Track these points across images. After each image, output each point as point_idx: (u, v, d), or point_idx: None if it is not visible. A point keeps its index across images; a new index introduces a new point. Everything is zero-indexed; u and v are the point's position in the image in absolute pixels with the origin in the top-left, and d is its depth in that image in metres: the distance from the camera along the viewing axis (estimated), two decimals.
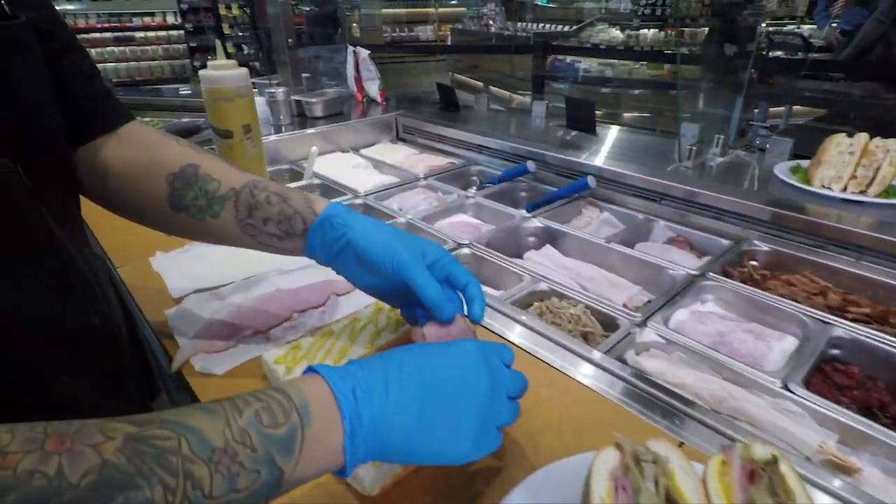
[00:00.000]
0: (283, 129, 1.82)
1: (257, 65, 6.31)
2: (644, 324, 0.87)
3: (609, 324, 0.91)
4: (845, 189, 1.13)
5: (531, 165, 1.47)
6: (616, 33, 6.24)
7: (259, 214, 0.58)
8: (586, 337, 0.85)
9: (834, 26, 4.19)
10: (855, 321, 0.86)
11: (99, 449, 0.28)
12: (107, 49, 6.31)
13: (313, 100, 1.89)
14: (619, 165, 1.38)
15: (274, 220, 0.58)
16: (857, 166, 1.14)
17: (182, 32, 6.38)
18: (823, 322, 0.86)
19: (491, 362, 0.45)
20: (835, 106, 2.92)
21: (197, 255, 0.90)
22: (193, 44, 6.30)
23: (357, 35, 7.53)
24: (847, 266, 1.02)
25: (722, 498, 0.32)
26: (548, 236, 1.25)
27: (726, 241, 1.18)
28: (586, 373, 0.69)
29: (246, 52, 6.56)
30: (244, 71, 0.95)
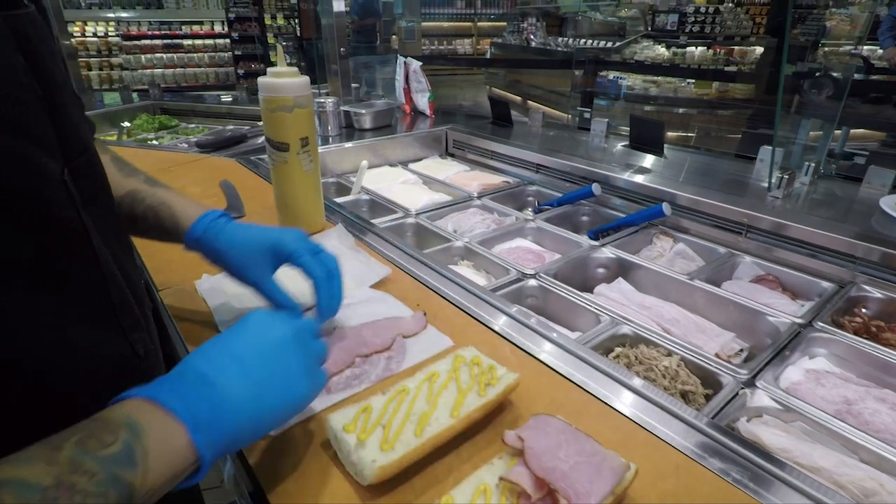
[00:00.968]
0: (330, 140, 1.75)
1: None
2: (752, 382, 0.74)
3: (707, 379, 0.78)
4: None
5: (596, 188, 1.36)
6: (661, 50, 6.08)
7: (140, 226, 0.65)
8: (685, 396, 0.73)
9: None
10: None
11: None
12: (156, 55, 6.50)
13: (363, 111, 1.82)
14: (695, 191, 1.26)
15: (153, 233, 0.65)
16: None
17: (228, 41, 6.51)
18: None
19: (280, 316, 0.49)
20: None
21: None
22: (238, 52, 6.41)
23: (396, 47, 7.57)
24: None
25: None
26: (620, 268, 1.14)
27: (826, 284, 1.04)
28: (694, 444, 0.56)
29: (289, 61, 6.65)
30: (305, 79, 0.88)
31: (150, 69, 6.48)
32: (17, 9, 0.40)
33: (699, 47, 5.93)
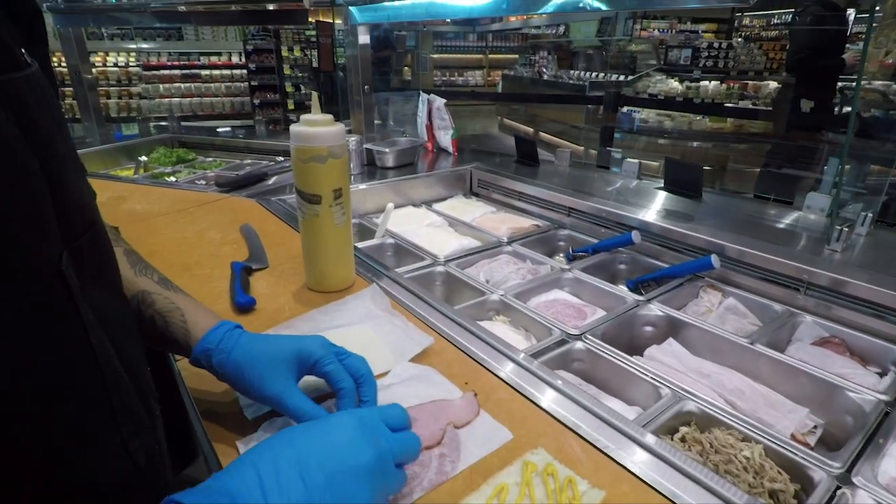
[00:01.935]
0: (352, 179, 1.70)
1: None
2: (848, 479, 0.65)
3: (791, 470, 0.69)
4: None
5: (636, 236, 1.28)
6: (675, 84, 6.09)
7: (146, 331, 0.59)
8: (774, 496, 0.64)
9: None
10: None
11: None
12: (174, 85, 6.60)
13: (386, 150, 1.77)
14: (744, 242, 1.17)
15: (158, 341, 0.60)
16: None
17: (245, 71, 6.62)
18: None
19: (372, 429, 0.44)
20: None
21: None
22: (255, 82, 6.50)
23: (408, 79, 7.65)
24: None
25: None
26: (669, 327, 1.05)
27: None
28: None
29: (303, 91, 6.73)
30: (340, 128, 0.82)
31: (167, 98, 6.58)
32: (17, 71, 0.35)
33: (713, 81, 5.94)
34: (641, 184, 1.67)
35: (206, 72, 6.74)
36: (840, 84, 4.08)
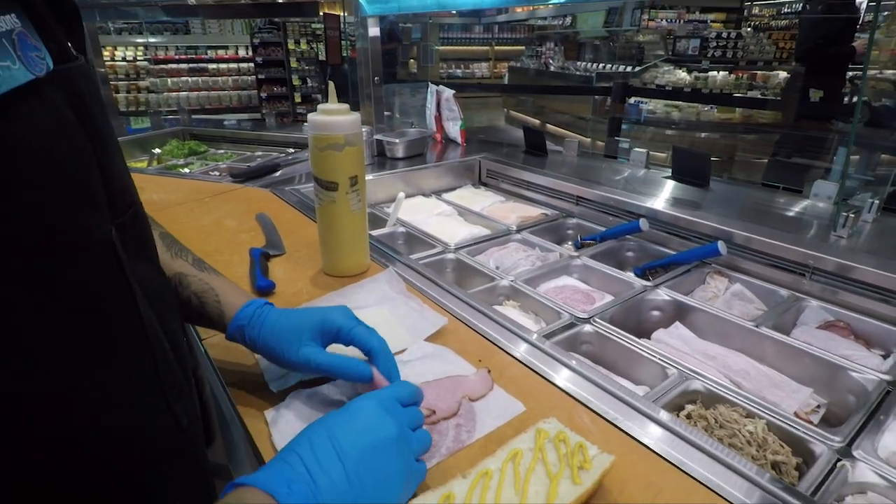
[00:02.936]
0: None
1: (319, 97, 6.47)
2: (848, 452, 0.67)
3: (794, 444, 0.71)
4: None
5: (644, 224, 1.30)
6: (683, 75, 6.05)
7: (182, 310, 0.63)
8: (776, 467, 0.67)
9: None
10: None
11: None
12: (181, 79, 6.64)
13: (395, 140, 1.79)
14: (751, 229, 1.19)
15: (195, 318, 0.65)
16: None
17: (252, 65, 6.63)
18: None
19: (389, 409, 0.49)
20: None
21: None
22: (262, 76, 6.52)
23: (414, 71, 7.65)
24: None
25: None
26: (676, 311, 1.07)
27: None
28: None
29: (309, 84, 6.74)
30: (356, 117, 0.84)
31: (175, 91, 6.62)
32: (69, 62, 0.37)
33: (721, 72, 5.90)
34: (649, 173, 1.68)
35: (214, 65, 6.76)
36: (850, 73, 4.05)
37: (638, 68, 6.11)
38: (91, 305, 0.37)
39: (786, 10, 7.51)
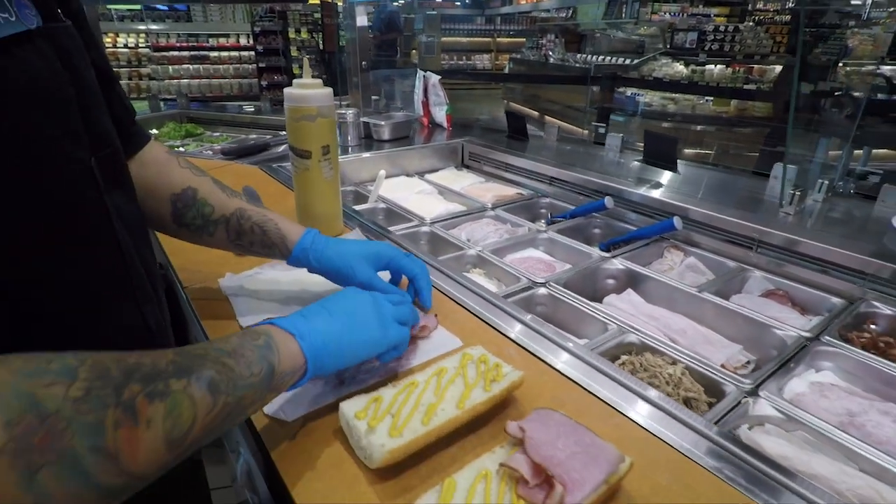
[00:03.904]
0: (349, 150, 1.81)
1: None
2: (755, 392, 0.76)
3: (712, 388, 0.80)
4: None
5: (609, 202, 1.38)
6: (680, 68, 6.09)
7: (246, 239, 0.74)
8: (688, 403, 0.75)
9: None
10: None
11: (165, 356, 0.39)
12: (182, 66, 6.70)
13: (381, 122, 1.87)
14: (707, 206, 1.27)
15: (258, 245, 0.74)
16: None
17: (252, 53, 6.69)
18: None
19: (375, 297, 0.62)
20: None
21: (268, 280, 0.86)
22: (263, 64, 6.58)
23: (415, 62, 7.68)
24: None
25: None
26: (629, 279, 1.16)
27: (836, 300, 1.05)
28: (691, 445, 0.58)
29: (312, 73, 6.80)
30: (328, 91, 0.92)
31: (176, 79, 6.68)
32: (57, 22, 0.46)
33: (718, 65, 5.93)
34: (623, 156, 1.76)
35: (215, 53, 6.82)
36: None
37: (637, 61, 6.14)
38: (72, 215, 0.46)
39: (791, 6, 7.50)
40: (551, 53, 7.54)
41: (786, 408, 0.72)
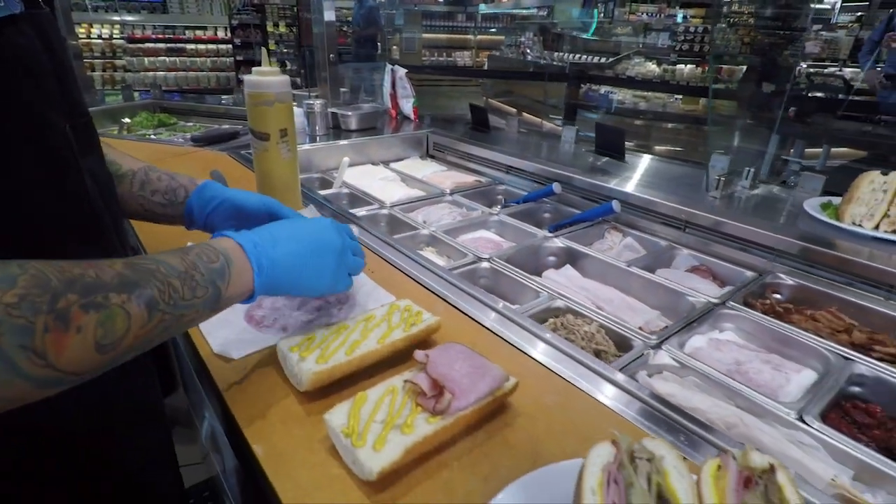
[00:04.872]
0: (317, 139, 1.88)
1: (298, 80, 6.54)
2: (659, 346, 0.86)
3: (623, 345, 0.90)
4: (877, 227, 1.11)
5: (557, 187, 1.49)
6: (652, 67, 6.26)
7: (149, 188, 0.77)
8: (598, 354, 0.85)
9: (878, 70, 4.12)
10: (881, 360, 0.83)
11: (113, 266, 0.43)
12: (158, 58, 6.65)
13: (349, 113, 1.95)
14: (645, 192, 1.38)
15: (160, 192, 0.77)
16: (890, 205, 1.12)
17: (230, 46, 6.68)
18: (845, 358, 0.83)
19: (341, 231, 0.66)
20: (874, 148, 2.86)
21: None
22: (240, 57, 6.57)
23: (397, 57, 7.72)
24: (875, 305, 0.99)
25: (714, 500, 0.32)
26: (569, 257, 1.26)
27: (750, 273, 1.16)
28: (594, 386, 0.68)
29: (289, 67, 6.81)
30: (285, 78, 1.00)
31: (152, 71, 6.63)
32: (37, 8, 0.53)
33: (688, 65, 6.11)
34: (577, 147, 1.86)
35: (192, 46, 6.79)
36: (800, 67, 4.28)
37: (611, 59, 6.28)
38: (51, 175, 0.53)
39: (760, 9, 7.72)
40: (529, 51, 7.66)
41: (682, 358, 0.83)
